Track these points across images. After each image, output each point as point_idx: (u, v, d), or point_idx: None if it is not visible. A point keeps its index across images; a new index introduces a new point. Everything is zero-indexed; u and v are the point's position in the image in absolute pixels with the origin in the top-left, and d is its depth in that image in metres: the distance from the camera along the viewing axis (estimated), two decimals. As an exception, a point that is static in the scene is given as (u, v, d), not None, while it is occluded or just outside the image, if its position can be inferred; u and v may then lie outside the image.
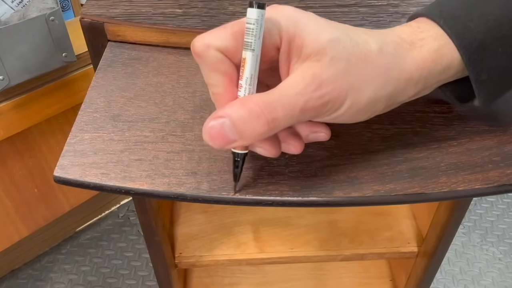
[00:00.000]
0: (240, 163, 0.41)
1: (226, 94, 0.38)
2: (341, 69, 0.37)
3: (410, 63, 0.40)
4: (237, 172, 0.41)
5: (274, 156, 0.41)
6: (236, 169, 0.41)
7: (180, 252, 0.80)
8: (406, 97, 0.41)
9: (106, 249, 1.51)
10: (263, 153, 0.41)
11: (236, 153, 0.41)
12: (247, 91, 0.38)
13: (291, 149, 0.42)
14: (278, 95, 0.37)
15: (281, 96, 0.37)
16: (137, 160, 0.44)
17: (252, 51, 0.37)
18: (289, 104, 0.36)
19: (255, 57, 0.37)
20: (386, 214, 0.87)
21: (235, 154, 0.41)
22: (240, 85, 0.38)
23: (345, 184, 0.43)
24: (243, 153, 0.41)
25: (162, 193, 0.42)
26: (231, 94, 0.38)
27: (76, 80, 1.14)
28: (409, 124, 0.48)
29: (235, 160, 0.41)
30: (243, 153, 0.41)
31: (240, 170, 0.41)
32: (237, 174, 0.42)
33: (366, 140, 0.47)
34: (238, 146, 0.40)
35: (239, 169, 0.41)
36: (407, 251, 0.81)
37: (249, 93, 0.38)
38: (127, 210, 1.63)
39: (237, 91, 0.38)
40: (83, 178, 0.42)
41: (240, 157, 0.41)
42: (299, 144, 0.42)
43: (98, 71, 0.53)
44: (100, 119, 0.48)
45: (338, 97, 0.37)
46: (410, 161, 0.45)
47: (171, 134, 0.46)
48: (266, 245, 0.81)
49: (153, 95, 0.51)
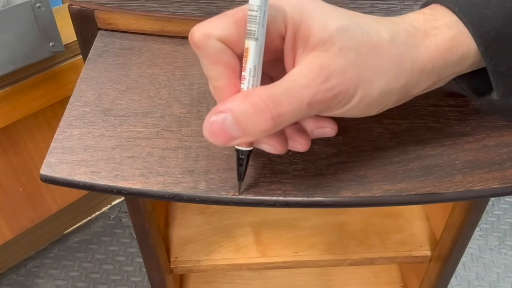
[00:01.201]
0: (245, 161, 0.41)
1: (228, 87, 0.38)
2: (350, 59, 0.37)
3: (423, 53, 0.40)
4: (241, 171, 0.41)
5: (281, 153, 0.41)
6: (240, 167, 0.41)
7: (176, 256, 0.80)
8: (419, 89, 0.41)
9: (97, 253, 1.51)
10: (269, 150, 0.41)
11: (240, 150, 0.41)
12: (251, 83, 0.38)
13: (297, 147, 0.42)
14: (284, 88, 0.37)
15: (287, 89, 0.37)
16: (129, 157, 0.44)
17: (255, 40, 0.37)
18: (296, 97, 0.36)
19: (258, 47, 0.37)
20: (397, 216, 0.87)
21: (239, 151, 0.41)
22: (243, 77, 0.38)
23: (353, 183, 0.43)
24: (248, 150, 0.41)
25: (157, 193, 0.42)
26: (234, 87, 0.38)
27: (64, 71, 1.14)
28: (422, 118, 0.48)
29: (239, 158, 0.41)
30: (247, 150, 0.41)
31: (245, 168, 0.41)
32: (241, 173, 0.41)
33: (376, 136, 0.47)
34: (242, 143, 0.40)
35: (244, 167, 0.41)
36: (419, 255, 0.81)
37: (253, 86, 0.38)
38: (119, 211, 1.63)
39: (240, 84, 0.38)
40: (71, 176, 0.42)
41: (244, 155, 0.41)
42: (306, 141, 0.42)
43: (87, 62, 0.54)
44: (90, 114, 0.48)
45: (348, 89, 0.37)
46: (423, 159, 0.45)
47: (166, 129, 0.47)
48: (268, 249, 0.81)
49: (147, 87, 0.51)
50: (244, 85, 0.38)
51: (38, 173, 0.43)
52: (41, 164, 0.43)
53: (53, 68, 1.13)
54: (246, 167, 0.41)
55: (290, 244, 0.82)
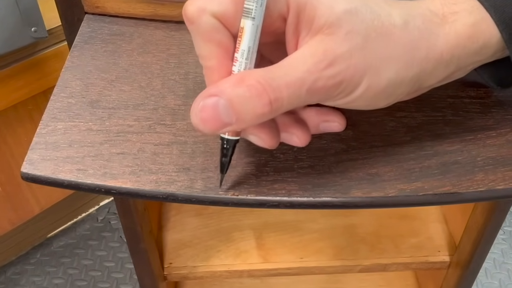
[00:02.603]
0: (230, 151, 0.41)
1: (220, 68, 0.38)
2: (357, 44, 0.37)
3: (440, 40, 0.39)
4: (224, 162, 0.41)
5: (269, 147, 0.41)
6: (224, 158, 0.41)
7: (170, 262, 0.80)
8: (435, 80, 0.41)
9: (83, 258, 1.51)
10: (257, 142, 0.41)
11: (226, 139, 0.40)
12: (243, 66, 0.38)
13: (295, 140, 0.42)
14: (283, 71, 0.37)
15: (286, 72, 0.36)
16: (119, 153, 0.44)
17: (252, 19, 0.37)
18: (295, 82, 0.36)
19: (255, 27, 0.37)
20: (412, 218, 0.87)
21: (224, 141, 0.40)
22: (235, 58, 0.38)
23: (364, 182, 0.43)
24: (234, 140, 0.40)
25: (149, 192, 0.42)
26: (226, 69, 0.38)
27: (47, 59, 1.14)
28: (440, 111, 0.48)
29: (223, 148, 0.41)
30: (233, 139, 0.40)
31: (229, 160, 0.41)
32: (224, 165, 0.41)
33: (389, 130, 0.47)
34: (231, 131, 0.40)
35: (228, 159, 0.41)
36: (437, 261, 0.81)
37: (245, 69, 0.38)
38: (108, 213, 1.63)
39: (232, 65, 0.38)
40: (55, 175, 0.42)
41: (230, 144, 0.41)
42: (304, 134, 0.42)
43: (73, 49, 0.54)
44: (76, 106, 0.48)
45: (352, 77, 0.37)
46: (441, 155, 0.45)
47: (159, 123, 0.47)
48: (271, 254, 0.81)
49: (138, 77, 0.51)
50: (236, 67, 0.38)
51: (19, 171, 0.43)
52: (22, 161, 0.43)
53: (35, 56, 1.13)
54: (230, 158, 0.41)
55: (295, 248, 0.82)
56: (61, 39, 1.14)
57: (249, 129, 0.40)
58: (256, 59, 0.38)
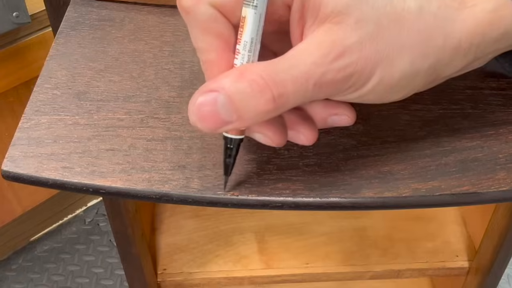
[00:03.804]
0: (234, 151, 0.41)
1: (219, 62, 0.38)
2: (368, 33, 0.37)
3: (458, 27, 0.39)
4: (229, 163, 0.41)
5: (277, 145, 0.41)
6: (228, 159, 0.41)
7: (164, 268, 0.80)
8: (452, 70, 0.41)
9: (69, 264, 1.52)
10: (263, 141, 0.41)
11: (229, 139, 0.40)
12: (246, 58, 0.38)
13: (301, 139, 0.42)
14: (288, 64, 0.36)
15: (291, 65, 0.36)
16: (108, 150, 0.44)
17: (254, 8, 0.37)
18: (301, 76, 0.36)
19: (257, 16, 0.37)
20: (428, 220, 0.87)
21: (228, 140, 0.40)
22: (237, 51, 0.38)
23: (375, 180, 0.43)
24: (238, 139, 0.41)
25: (141, 192, 0.42)
26: (226, 63, 0.38)
27: (30, 47, 1.14)
28: (458, 103, 0.48)
29: (227, 148, 0.41)
30: (237, 138, 0.40)
31: (233, 160, 0.41)
32: (229, 166, 0.41)
33: (403, 125, 0.47)
34: (233, 129, 0.40)
35: (232, 159, 0.41)
36: (455, 267, 0.81)
37: (248, 62, 0.38)
38: (96, 214, 1.64)
39: (233, 58, 0.38)
40: (39, 173, 0.42)
41: (234, 144, 0.41)
42: (311, 132, 0.42)
43: (58, 35, 0.54)
44: (62, 98, 0.48)
45: (364, 69, 0.37)
46: (459, 152, 0.45)
47: (152, 116, 0.47)
48: (274, 259, 0.82)
49: (129, 66, 0.51)
50: (238, 61, 0.38)
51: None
52: (3, 158, 0.43)
53: (17, 43, 1.13)
54: (235, 159, 0.41)
55: (300, 253, 0.82)
56: (45, 25, 1.14)
57: (254, 127, 0.40)
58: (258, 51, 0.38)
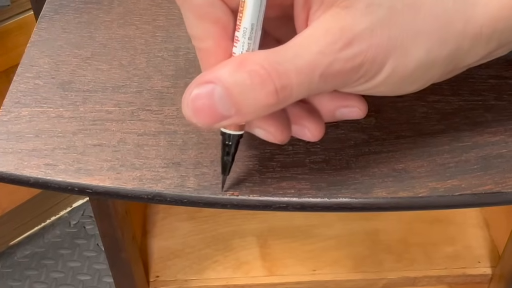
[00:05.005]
0: (232, 148, 0.41)
1: (216, 50, 0.38)
2: (380, 19, 0.37)
3: (480, 11, 0.39)
4: (227, 162, 0.41)
5: (280, 142, 0.41)
6: (226, 157, 0.41)
7: (157, 275, 0.80)
8: (473, 59, 0.41)
9: (53, 271, 1.52)
10: (265, 137, 0.41)
11: (227, 135, 0.40)
12: (246, 47, 0.38)
13: (306, 134, 0.42)
14: (292, 53, 0.36)
15: (296, 55, 0.36)
16: (96, 145, 0.44)
17: None
18: (306, 66, 0.36)
19: (258, 1, 0.37)
20: (447, 222, 0.87)
21: (226, 136, 0.40)
22: (236, 38, 0.38)
23: (389, 179, 0.43)
24: (237, 135, 0.40)
25: (132, 192, 0.42)
26: (224, 51, 0.38)
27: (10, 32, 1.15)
28: (480, 94, 0.48)
29: (225, 145, 0.41)
30: (236, 134, 0.40)
31: (232, 158, 0.41)
32: (227, 165, 0.41)
33: (420, 118, 0.47)
34: (231, 125, 0.40)
35: (231, 157, 0.41)
36: (477, 274, 0.81)
37: (248, 51, 0.38)
38: (82, 216, 1.64)
39: (232, 47, 0.38)
40: (19, 171, 0.43)
41: (233, 140, 0.41)
42: (317, 126, 0.42)
43: (41, 19, 0.54)
44: (44, 88, 0.48)
45: (375, 58, 0.37)
46: (481, 147, 0.45)
47: (144, 108, 0.47)
48: (278, 265, 0.82)
49: (118, 53, 0.51)
50: (237, 49, 0.38)
51: (-24, 166, 0.43)
52: (-19, 154, 0.43)
53: (-5, 28, 1.13)
54: (233, 157, 0.41)
55: (306, 259, 0.82)
56: (26, 8, 1.14)
57: (255, 122, 0.40)
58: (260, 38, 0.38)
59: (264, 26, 0.39)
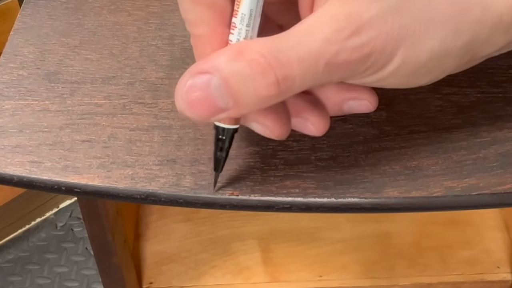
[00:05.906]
0: (227, 143, 0.41)
1: (212, 37, 0.38)
2: (391, 6, 0.37)
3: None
4: (220, 157, 0.41)
5: (278, 137, 0.41)
6: (219, 152, 0.41)
7: (151, 282, 0.80)
8: (492, 49, 0.41)
9: (38, 277, 1.52)
10: (261, 132, 0.41)
11: (221, 128, 0.40)
12: (243, 34, 0.38)
13: (309, 128, 0.42)
14: (294, 41, 0.36)
15: (299, 43, 0.36)
16: (84, 141, 0.44)
17: None
18: (310, 55, 0.36)
19: None
20: (464, 224, 0.87)
21: (220, 130, 0.40)
22: (233, 24, 0.38)
23: (401, 177, 0.43)
24: (232, 129, 0.40)
25: (123, 191, 0.42)
26: (220, 38, 0.38)
27: (-9, 19, 1.15)
28: (500, 86, 0.48)
29: (218, 139, 0.41)
30: (231, 128, 0.40)
31: (226, 154, 0.41)
32: (220, 161, 0.42)
33: (434, 111, 0.47)
34: (228, 118, 0.40)
35: (224, 153, 0.41)
36: (496, 280, 0.81)
37: (246, 38, 0.38)
38: (70, 217, 1.64)
39: (228, 33, 0.38)
40: (2, 169, 0.43)
41: (227, 135, 0.41)
42: (322, 120, 0.42)
43: (25, 5, 0.54)
44: (29, 79, 0.48)
45: (384, 48, 0.37)
46: (501, 143, 0.45)
47: (136, 101, 0.47)
48: (281, 271, 0.82)
49: (109, 42, 0.51)
50: (234, 36, 0.38)
51: (-44, 164, 0.43)
52: (-40, 151, 0.43)
53: (-24, 15, 1.13)
54: (227, 152, 0.41)
55: (312, 264, 0.83)
56: (8, -8, 1.15)
57: (251, 115, 0.40)
58: (260, 24, 0.38)
59: (266, 11, 0.39)
